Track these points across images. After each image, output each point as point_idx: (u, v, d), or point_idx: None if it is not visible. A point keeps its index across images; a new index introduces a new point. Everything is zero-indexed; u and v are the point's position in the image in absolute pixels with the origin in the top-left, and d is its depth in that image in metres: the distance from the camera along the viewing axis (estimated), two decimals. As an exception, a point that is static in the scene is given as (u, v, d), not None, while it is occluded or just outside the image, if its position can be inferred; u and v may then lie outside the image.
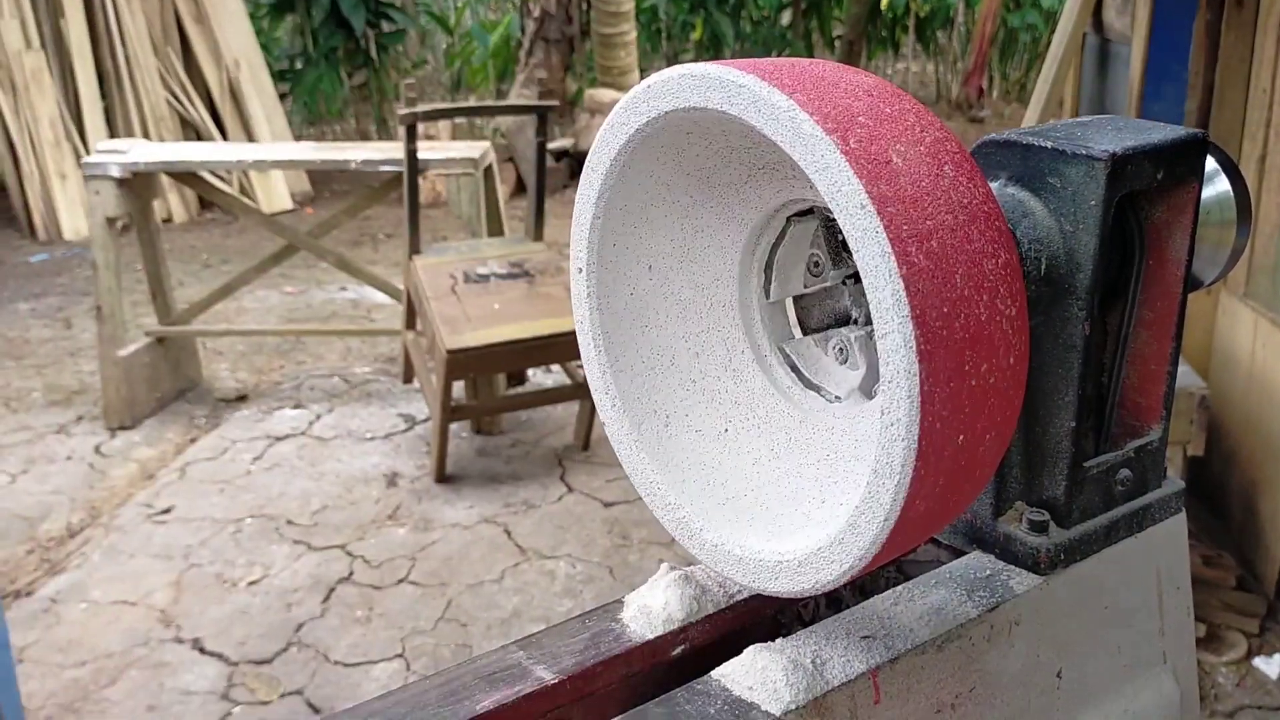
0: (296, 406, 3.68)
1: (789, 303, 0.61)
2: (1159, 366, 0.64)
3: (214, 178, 4.06)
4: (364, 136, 7.57)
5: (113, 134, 5.75)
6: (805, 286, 0.60)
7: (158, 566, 2.75)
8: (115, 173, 3.39)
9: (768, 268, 0.60)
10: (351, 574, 2.71)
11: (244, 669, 2.37)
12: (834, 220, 0.50)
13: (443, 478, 3.13)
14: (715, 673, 0.54)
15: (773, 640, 0.55)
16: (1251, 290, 2.70)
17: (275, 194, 6.09)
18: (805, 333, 0.61)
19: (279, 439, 3.45)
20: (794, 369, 0.61)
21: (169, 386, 3.74)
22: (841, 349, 0.60)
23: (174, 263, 4.70)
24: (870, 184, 0.44)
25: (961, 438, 0.47)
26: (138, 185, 3.51)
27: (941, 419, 0.46)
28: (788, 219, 0.59)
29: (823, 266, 0.59)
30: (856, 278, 0.58)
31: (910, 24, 8.84)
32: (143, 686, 2.32)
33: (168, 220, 5.84)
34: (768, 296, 0.61)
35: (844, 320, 0.60)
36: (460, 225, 5.37)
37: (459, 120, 7.17)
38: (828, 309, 0.61)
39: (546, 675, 0.55)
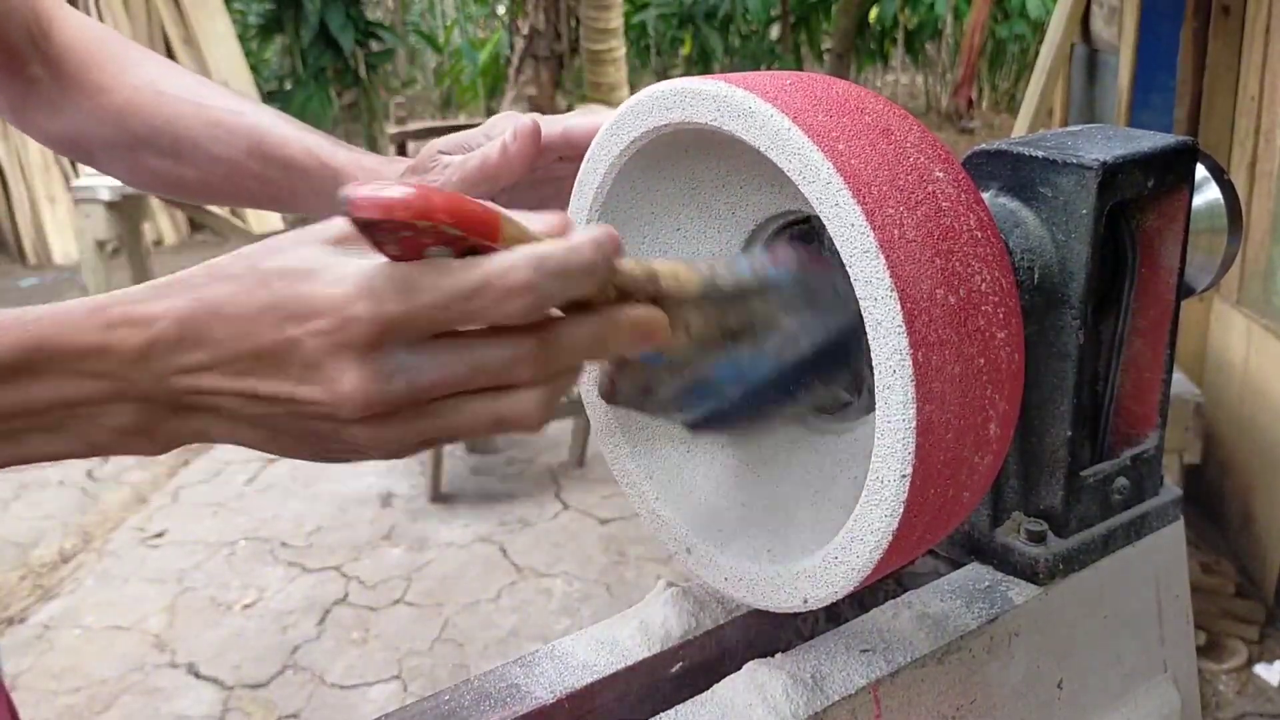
0: (290, 427, 3.66)
1: None
2: (1153, 374, 0.64)
3: (205, 199, 4.05)
4: (354, 156, 7.56)
5: (103, 157, 5.74)
6: None
7: (151, 591, 2.74)
8: (105, 196, 3.39)
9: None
10: (347, 595, 2.70)
11: (240, 693, 2.36)
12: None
13: (438, 497, 3.12)
14: (714, 689, 0.54)
15: (772, 655, 0.55)
16: (1244, 297, 2.70)
17: (266, 215, 6.09)
18: None
19: (272, 460, 3.44)
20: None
21: (162, 409, 3.72)
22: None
23: (165, 285, 4.68)
24: (905, 293, 0.44)
25: (943, 505, 0.49)
26: (127, 208, 3.50)
27: (926, 512, 0.47)
28: (787, 224, 0.59)
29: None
30: None
31: (899, 36, 8.88)
32: (138, 712, 2.30)
33: (158, 243, 5.83)
34: None
35: None
36: (452, 243, 5.35)
37: (449, 138, 7.16)
38: None
39: (544, 695, 0.54)
